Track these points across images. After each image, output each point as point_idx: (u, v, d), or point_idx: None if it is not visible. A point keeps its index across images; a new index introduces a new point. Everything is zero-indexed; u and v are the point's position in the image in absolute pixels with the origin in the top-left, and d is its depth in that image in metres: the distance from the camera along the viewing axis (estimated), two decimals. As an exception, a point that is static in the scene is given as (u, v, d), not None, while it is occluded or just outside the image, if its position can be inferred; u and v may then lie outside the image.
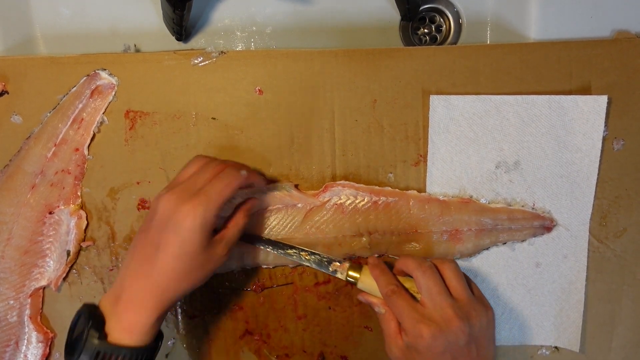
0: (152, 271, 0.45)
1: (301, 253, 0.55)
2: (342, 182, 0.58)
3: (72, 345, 0.44)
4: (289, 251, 0.55)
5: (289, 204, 0.57)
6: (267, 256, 0.57)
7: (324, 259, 0.55)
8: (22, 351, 0.57)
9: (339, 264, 0.55)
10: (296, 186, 0.58)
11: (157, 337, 0.47)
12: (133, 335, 0.44)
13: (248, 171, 0.50)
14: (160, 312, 0.45)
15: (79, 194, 0.57)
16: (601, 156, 0.58)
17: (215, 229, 0.49)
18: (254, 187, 0.55)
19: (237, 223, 0.51)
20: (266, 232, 0.57)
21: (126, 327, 0.44)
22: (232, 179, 0.48)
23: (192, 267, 0.46)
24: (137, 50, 0.59)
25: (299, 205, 0.57)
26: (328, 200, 0.57)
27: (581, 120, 0.57)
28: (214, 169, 0.49)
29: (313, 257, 0.55)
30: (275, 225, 0.57)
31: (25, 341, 0.57)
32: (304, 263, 0.55)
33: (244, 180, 0.49)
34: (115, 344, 0.43)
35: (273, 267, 0.59)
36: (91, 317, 0.44)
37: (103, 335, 0.43)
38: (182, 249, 0.45)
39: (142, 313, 0.44)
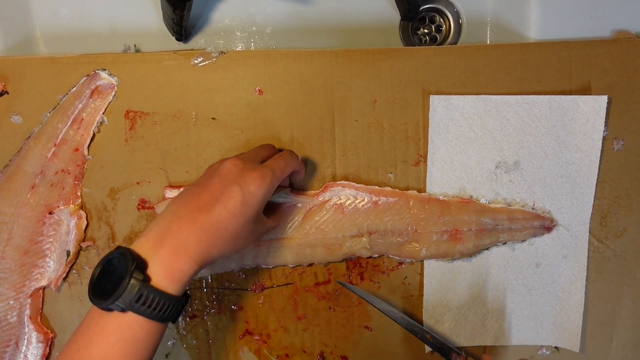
0: (206, 220, 0.44)
1: (426, 335, 0.57)
2: (342, 182, 0.58)
3: (104, 288, 0.42)
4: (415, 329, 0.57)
5: (288, 204, 0.57)
6: (267, 257, 0.57)
7: (444, 347, 0.57)
8: (22, 351, 0.57)
9: (456, 355, 0.56)
10: (292, 188, 0.58)
11: (186, 294, 0.45)
12: (173, 282, 0.42)
13: (302, 161, 0.54)
14: (201, 264, 0.44)
15: (78, 194, 0.57)
16: (601, 156, 0.58)
17: None
18: (296, 175, 0.57)
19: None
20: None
21: (169, 272, 0.42)
22: (292, 159, 0.52)
23: (241, 231, 0.46)
24: (137, 51, 0.59)
25: (299, 205, 0.57)
26: (328, 200, 0.57)
27: (581, 120, 0.57)
28: (273, 149, 0.54)
29: (436, 342, 0.57)
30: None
31: (25, 341, 0.57)
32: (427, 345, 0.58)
33: (299, 165, 0.53)
34: (158, 288, 0.41)
35: (273, 267, 0.59)
36: (134, 258, 0.42)
37: (147, 278, 0.41)
38: (241, 210, 0.45)
39: (186, 261, 0.43)
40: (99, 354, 0.40)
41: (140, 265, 0.42)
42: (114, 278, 0.41)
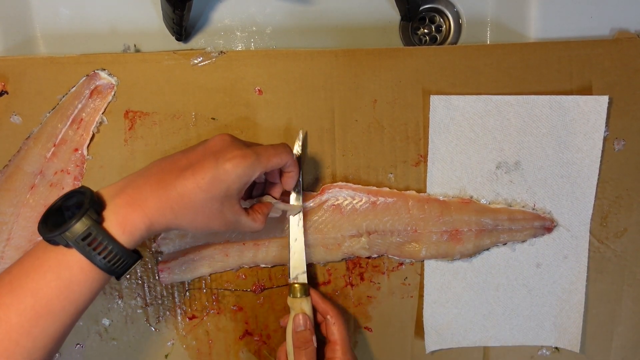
0: (172, 183, 0.43)
1: (296, 239, 0.55)
2: (339, 183, 0.58)
3: (56, 219, 0.41)
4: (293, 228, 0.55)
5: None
6: (266, 256, 0.57)
7: (299, 264, 0.55)
8: (22, 352, 0.57)
9: (299, 280, 0.55)
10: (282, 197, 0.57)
11: (136, 253, 0.43)
12: (124, 233, 0.41)
13: (296, 159, 0.51)
14: (155, 225, 0.43)
15: (78, 194, 0.57)
16: (602, 156, 0.58)
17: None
18: (288, 176, 0.53)
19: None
20: (265, 231, 0.57)
21: (121, 221, 0.41)
22: (284, 152, 0.48)
23: (204, 206, 0.44)
24: (137, 50, 0.59)
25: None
26: (325, 201, 0.57)
27: (582, 120, 0.57)
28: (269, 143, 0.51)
29: (296, 255, 0.55)
30: (275, 225, 0.57)
31: (25, 342, 0.57)
32: (290, 247, 0.56)
33: (292, 161, 0.50)
34: (108, 232, 0.40)
35: (272, 267, 0.59)
36: (94, 198, 0.41)
37: (100, 219, 0.40)
38: (209, 184, 0.43)
39: (140, 215, 0.41)
40: (30, 288, 0.39)
41: (98, 205, 0.41)
42: (70, 214, 0.41)
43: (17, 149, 0.56)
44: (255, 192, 0.54)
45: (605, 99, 0.57)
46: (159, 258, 0.58)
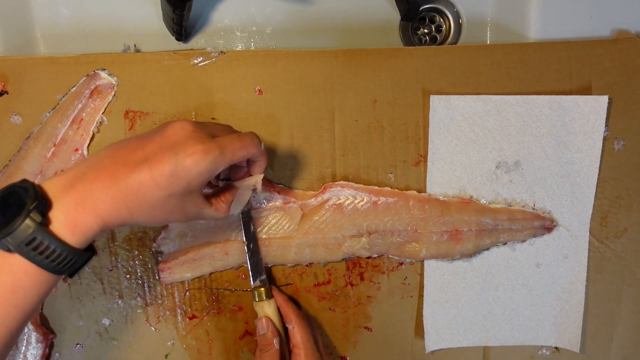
0: (126, 179, 0.39)
1: (251, 244, 0.56)
2: (341, 182, 0.58)
3: None
4: (248, 232, 0.56)
5: (286, 203, 0.57)
6: (265, 255, 0.57)
7: (258, 268, 0.56)
8: (22, 352, 0.57)
9: (259, 282, 0.56)
10: (270, 183, 0.57)
11: (90, 249, 0.41)
12: (74, 234, 0.38)
13: (264, 149, 0.48)
14: (108, 224, 0.39)
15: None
16: (602, 156, 0.58)
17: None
18: (256, 165, 0.50)
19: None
20: (264, 231, 0.57)
21: (71, 222, 0.37)
22: (250, 143, 0.45)
23: (162, 203, 0.40)
24: (137, 50, 0.59)
25: (297, 205, 0.57)
26: (327, 201, 0.57)
27: (582, 120, 0.57)
28: (235, 130, 0.48)
29: (253, 259, 0.56)
30: (274, 224, 0.57)
31: (25, 342, 0.57)
32: (247, 253, 0.56)
33: (259, 153, 0.47)
34: (56, 235, 0.37)
35: (271, 266, 0.59)
36: (37, 197, 0.36)
37: (45, 222, 0.36)
38: (167, 180, 0.40)
39: (92, 215, 0.38)
40: None
41: (43, 205, 0.37)
42: (10, 213, 0.36)
43: (17, 149, 0.56)
44: (222, 174, 0.51)
45: (605, 99, 0.57)
46: (159, 258, 0.58)
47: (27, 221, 0.35)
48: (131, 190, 0.39)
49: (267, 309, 0.55)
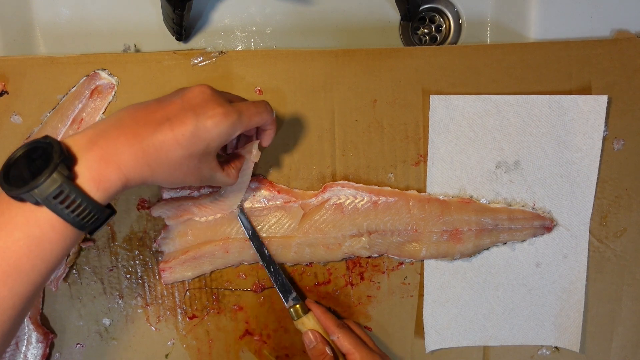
0: (149, 137, 0.40)
1: (271, 268, 0.56)
2: (341, 182, 0.58)
3: (21, 176, 0.37)
4: (264, 257, 0.56)
5: (286, 202, 0.57)
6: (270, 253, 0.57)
7: (286, 288, 0.57)
8: (22, 351, 0.57)
9: (292, 301, 0.56)
10: (270, 182, 0.57)
11: (110, 208, 0.41)
12: (98, 189, 0.38)
13: (275, 118, 0.50)
14: (130, 180, 0.40)
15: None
16: (601, 156, 0.58)
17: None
18: (266, 134, 0.52)
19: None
20: (265, 229, 0.57)
21: (95, 177, 0.38)
22: (265, 110, 0.47)
23: (182, 163, 0.42)
24: (137, 50, 0.59)
25: (297, 204, 0.57)
26: (327, 200, 0.57)
27: (581, 120, 0.57)
28: (248, 100, 0.49)
29: (278, 281, 0.57)
30: (274, 223, 0.57)
31: (25, 341, 0.57)
32: (271, 277, 0.57)
33: (272, 121, 0.49)
34: (81, 189, 0.37)
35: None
36: (63, 152, 0.37)
37: (72, 175, 0.37)
38: (189, 140, 0.41)
39: (115, 171, 0.39)
40: None
41: (68, 160, 0.37)
42: (34, 167, 0.37)
43: (17, 149, 0.56)
44: (230, 144, 0.53)
45: (604, 99, 0.57)
46: (160, 258, 0.58)
47: (55, 175, 0.36)
48: (154, 149, 0.40)
49: (308, 324, 0.55)
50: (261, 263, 0.57)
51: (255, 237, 0.56)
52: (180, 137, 0.41)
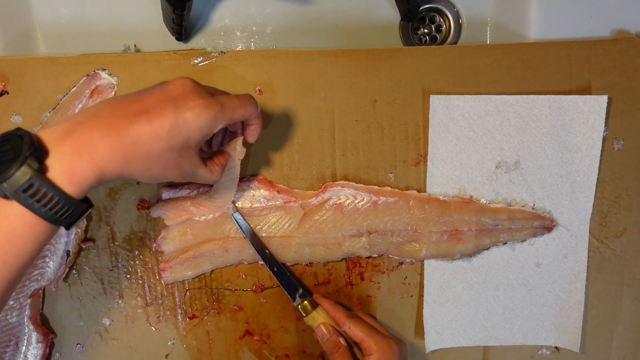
0: (126, 128, 0.39)
1: (275, 268, 0.56)
2: (341, 182, 0.58)
3: None
4: (266, 257, 0.56)
5: (286, 202, 0.57)
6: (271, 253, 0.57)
7: (292, 286, 0.56)
8: (22, 352, 0.57)
9: (299, 298, 0.56)
10: (270, 182, 0.57)
11: (85, 202, 0.40)
12: (71, 183, 0.37)
13: (260, 112, 0.48)
14: (106, 174, 0.39)
15: (78, 194, 0.57)
16: (601, 156, 0.58)
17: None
18: (251, 129, 0.50)
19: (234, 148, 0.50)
20: (264, 229, 0.57)
21: (68, 170, 0.37)
22: (249, 103, 0.46)
23: (161, 156, 0.40)
24: (137, 50, 0.59)
25: (297, 204, 0.57)
26: (327, 200, 0.57)
27: (581, 120, 0.57)
28: (232, 94, 0.47)
29: (283, 280, 0.56)
30: (274, 223, 0.57)
31: (25, 342, 0.57)
32: (276, 277, 0.57)
33: (257, 113, 0.47)
34: (53, 182, 0.36)
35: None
36: (34, 144, 0.36)
37: (42, 168, 0.36)
38: (168, 133, 0.40)
39: (89, 164, 0.37)
40: None
41: (39, 152, 0.36)
42: (5, 160, 0.36)
43: (17, 149, 0.56)
44: (215, 140, 0.52)
45: (604, 99, 0.57)
46: (160, 258, 0.58)
47: (24, 167, 0.35)
48: (130, 141, 0.39)
49: (319, 318, 0.55)
50: (262, 263, 0.56)
51: (254, 238, 0.56)
52: (158, 129, 0.39)
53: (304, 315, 0.55)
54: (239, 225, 0.56)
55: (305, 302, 0.56)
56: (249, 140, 0.50)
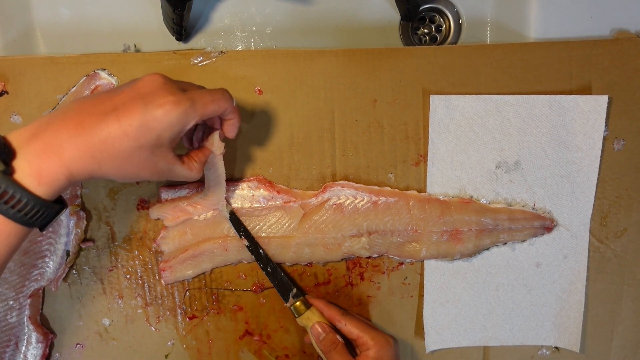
0: (94, 127, 0.38)
1: (268, 268, 0.56)
2: (341, 182, 0.58)
3: None
4: (260, 257, 0.56)
5: (286, 202, 0.57)
6: (266, 252, 0.57)
7: (285, 286, 0.56)
8: (22, 352, 0.57)
9: (292, 299, 0.56)
10: (270, 182, 0.57)
11: (59, 202, 0.40)
12: (40, 184, 0.37)
13: (236, 106, 0.47)
14: (74, 174, 0.38)
15: (78, 194, 0.57)
16: (601, 156, 0.58)
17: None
18: (228, 124, 0.49)
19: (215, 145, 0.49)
20: (264, 229, 0.57)
21: (36, 171, 0.37)
22: (222, 98, 0.44)
23: (131, 155, 0.40)
24: (137, 50, 0.59)
25: (297, 204, 0.57)
26: (327, 200, 0.57)
27: (581, 120, 0.57)
28: (207, 88, 0.46)
29: (276, 280, 0.56)
30: (274, 223, 0.57)
31: (25, 342, 0.57)
32: (269, 277, 0.57)
33: (232, 107, 0.46)
34: (21, 184, 0.36)
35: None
36: (0, 146, 0.36)
37: (9, 170, 0.36)
38: (137, 131, 0.39)
39: (56, 164, 0.37)
40: None
41: (6, 154, 0.36)
42: None
43: (17, 149, 0.56)
44: (196, 136, 0.51)
45: (604, 99, 0.57)
46: (160, 258, 0.58)
47: None
48: (98, 140, 0.38)
49: (312, 318, 0.55)
50: (260, 265, 0.56)
51: (249, 238, 0.56)
52: (127, 127, 0.39)
53: (297, 316, 0.55)
54: (232, 225, 0.56)
55: (298, 302, 0.55)
56: (227, 135, 0.49)
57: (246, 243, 0.56)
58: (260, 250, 0.56)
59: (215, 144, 0.49)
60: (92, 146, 0.38)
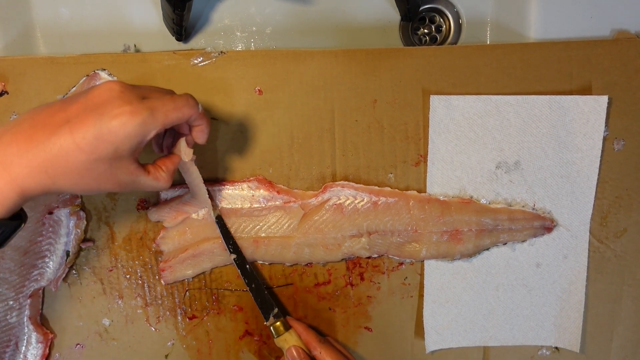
0: (45, 141, 0.36)
1: (253, 285, 0.56)
2: (341, 182, 0.58)
3: None
4: (246, 273, 0.56)
5: (286, 202, 0.57)
6: (264, 254, 0.57)
7: (267, 305, 0.55)
8: (22, 352, 0.57)
9: (273, 318, 0.55)
10: (270, 183, 0.57)
11: (18, 217, 0.39)
12: None
13: (203, 112, 0.45)
14: (27, 192, 0.37)
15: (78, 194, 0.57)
16: (602, 156, 0.58)
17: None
18: (197, 130, 0.47)
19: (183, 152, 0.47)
20: (264, 229, 0.57)
21: None
22: (186, 105, 0.42)
23: (88, 169, 0.38)
24: (137, 50, 0.59)
25: (297, 204, 0.57)
26: (327, 200, 0.57)
27: (582, 120, 0.57)
28: (172, 93, 0.44)
29: (259, 298, 0.55)
30: (274, 223, 0.57)
31: (25, 342, 0.57)
32: (252, 294, 0.56)
33: (197, 115, 0.44)
34: None
35: (269, 264, 0.58)
36: None
37: None
38: (92, 144, 0.37)
39: (6, 181, 0.36)
40: None
41: None
42: None
43: (17, 149, 0.56)
44: (165, 142, 0.49)
45: (604, 99, 0.57)
46: (159, 258, 0.58)
47: None
48: (50, 155, 0.37)
49: (290, 341, 0.54)
50: (261, 262, 0.56)
51: (237, 252, 0.56)
52: (80, 140, 0.37)
53: (276, 336, 0.55)
54: (219, 229, 0.55)
55: (279, 322, 0.55)
56: (197, 141, 0.47)
57: (234, 256, 0.56)
58: (247, 266, 0.56)
59: (183, 151, 0.47)
60: (44, 161, 0.37)
